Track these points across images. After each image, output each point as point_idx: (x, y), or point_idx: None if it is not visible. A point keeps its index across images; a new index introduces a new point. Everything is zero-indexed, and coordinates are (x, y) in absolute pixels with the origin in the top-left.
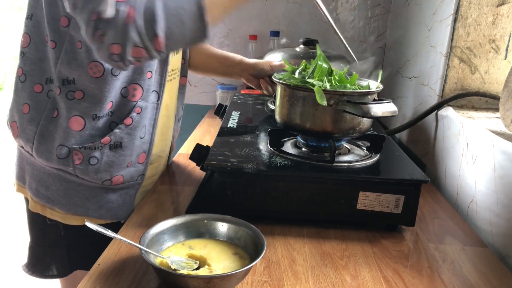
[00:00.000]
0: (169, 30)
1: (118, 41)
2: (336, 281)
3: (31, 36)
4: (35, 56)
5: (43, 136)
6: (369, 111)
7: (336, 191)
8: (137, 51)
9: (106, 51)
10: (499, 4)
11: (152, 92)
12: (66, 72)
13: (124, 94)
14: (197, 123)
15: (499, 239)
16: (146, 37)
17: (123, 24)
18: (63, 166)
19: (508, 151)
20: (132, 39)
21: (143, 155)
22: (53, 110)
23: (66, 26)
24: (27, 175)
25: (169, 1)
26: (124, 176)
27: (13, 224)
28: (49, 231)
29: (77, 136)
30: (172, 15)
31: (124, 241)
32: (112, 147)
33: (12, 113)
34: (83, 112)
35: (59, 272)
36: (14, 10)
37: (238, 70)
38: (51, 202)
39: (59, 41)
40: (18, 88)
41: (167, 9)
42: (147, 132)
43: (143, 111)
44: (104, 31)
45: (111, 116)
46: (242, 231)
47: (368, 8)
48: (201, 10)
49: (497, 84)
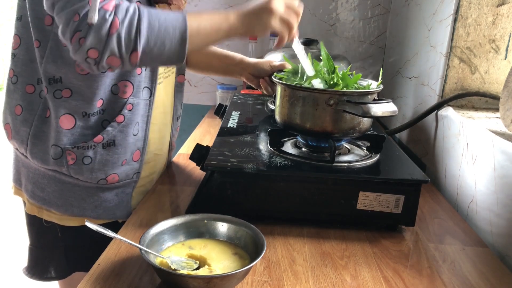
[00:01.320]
0: (149, 48)
1: (97, 47)
2: (336, 281)
3: (21, 38)
4: (26, 57)
5: (36, 137)
6: (369, 111)
7: (336, 191)
8: (112, 59)
9: (84, 54)
10: (499, 4)
11: (143, 88)
12: (52, 71)
13: (114, 91)
14: (197, 123)
15: (499, 239)
16: (125, 49)
17: (106, 33)
18: (57, 166)
19: (508, 151)
20: (111, 48)
21: (137, 152)
22: (46, 110)
23: (50, 25)
24: (23, 177)
25: (156, 21)
26: (119, 174)
27: (12, 227)
28: (46, 233)
29: (69, 135)
30: (155, 35)
31: (124, 241)
32: (105, 146)
33: (6, 115)
34: (72, 110)
35: (58, 274)
36: (14, 10)
37: (238, 69)
38: (47, 204)
39: (43, 39)
40: (10, 89)
41: (152, 28)
42: (140, 129)
43: (134, 107)
44: (85, 34)
45: (103, 114)
46: (242, 231)
47: (368, 8)
48: (184, 39)
49: (497, 84)
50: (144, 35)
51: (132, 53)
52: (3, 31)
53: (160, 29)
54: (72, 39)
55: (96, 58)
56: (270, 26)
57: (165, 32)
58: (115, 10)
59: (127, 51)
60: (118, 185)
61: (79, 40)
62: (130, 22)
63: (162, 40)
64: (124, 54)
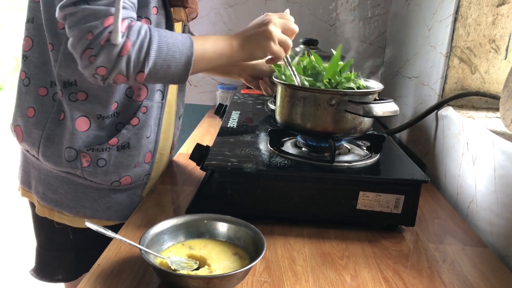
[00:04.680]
0: (155, 70)
1: (106, 66)
2: (336, 281)
3: (34, 40)
4: (39, 60)
5: (49, 140)
6: (371, 111)
7: (336, 191)
8: (119, 77)
9: (92, 71)
10: (499, 4)
11: (156, 91)
12: (67, 75)
13: (129, 94)
14: (197, 123)
15: (499, 239)
16: (132, 70)
17: (116, 54)
18: (71, 169)
19: (508, 151)
20: (120, 68)
21: (149, 154)
22: (60, 112)
23: (63, 29)
24: (32, 179)
25: (164, 44)
26: (132, 176)
27: (16, 228)
28: (57, 235)
29: (84, 137)
30: (162, 59)
31: (124, 241)
32: (120, 148)
33: (16, 118)
34: (87, 112)
35: (67, 276)
36: (14, 10)
37: (237, 70)
38: (59, 206)
39: (56, 43)
40: (22, 92)
41: (160, 52)
42: (152, 131)
43: (148, 110)
44: (96, 53)
45: (117, 117)
46: (242, 231)
47: (368, 8)
48: (189, 64)
49: (497, 84)
50: (152, 59)
51: (139, 73)
52: (3, 31)
53: (168, 53)
54: (83, 55)
55: (104, 75)
56: (269, 51)
57: (172, 57)
58: (127, 32)
59: (134, 71)
60: (130, 187)
61: (89, 57)
62: (140, 45)
63: (168, 64)
64: (131, 74)
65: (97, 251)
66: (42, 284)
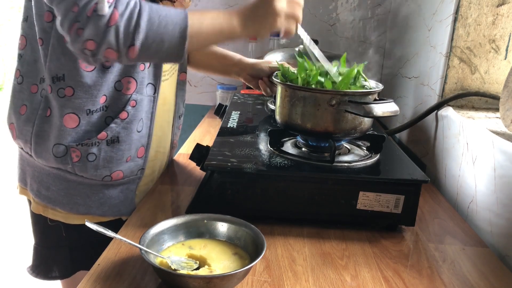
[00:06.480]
0: (147, 43)
1: (95, 38)
2: (336, 281)
3: (27, 38)
4: (31, 57)
5: (39, 136)
6: (371, 111)
7: (336, 191)
8: (110, 52)
9: (81, 45)
10: (499, 4)
11: (147, 85)
12: (56, 69)
13: (118, 87)
14: (197, 123)
15: (499, 239)
16: (122, 43)
17: (104, 25)
18: (61, 165)
19: (508, 151)
20: (109, 41)
21: (141, 149)
22: (46, 109)
23: (50, 21)
24: (28, 177)
25: (156, 16)
26: (124, 171)
27: (17, 226)
28: (51, 232)
29: (73, 133)
30: (154, 31)
31: (124, 241)
32: (109, 142)
33: (10, 115)
34: (76, 108)
35: (62, 273)
36: (14, 10)
37: (237, 70)
38: (52, 203)
39: (45, 37)
40: (16, 89)
41: (151, 24)
42: (144, 125)
43: (138, 104)
44: (83, 25)
45: (106, 111)
46: (242, 231)
47: (368, 8)
48: (183, 37)
49: (497, 84)
50: (143, 30)
51: (130, 47)
52: (3, 31)
53: (160, 25)
54: (70, 29)
55: (93, 50)
56: (275, 27)
57: (165, 29)
58: (115, 3)
59: (124, 44)
60: (123, 182)
61: (77, 30)
62: (129, 15)
63: (161, 37)
64: (122, 47)
65: (92, 248)
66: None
